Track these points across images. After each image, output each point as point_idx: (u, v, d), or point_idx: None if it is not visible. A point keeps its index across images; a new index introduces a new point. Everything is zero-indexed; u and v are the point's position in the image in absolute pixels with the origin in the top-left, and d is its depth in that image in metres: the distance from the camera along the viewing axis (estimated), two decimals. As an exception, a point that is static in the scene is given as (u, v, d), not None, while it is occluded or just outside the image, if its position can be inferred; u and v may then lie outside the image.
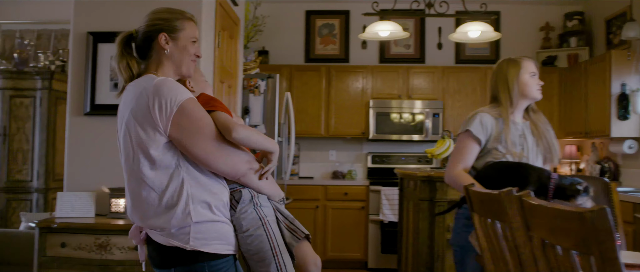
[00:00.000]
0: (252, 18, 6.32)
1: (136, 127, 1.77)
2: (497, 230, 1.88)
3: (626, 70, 5.27)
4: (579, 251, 1.25)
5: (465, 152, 2.53)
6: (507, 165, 2.45)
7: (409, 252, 4.32)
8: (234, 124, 1.83)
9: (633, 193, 4.61)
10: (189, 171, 1.81)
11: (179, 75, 1.92)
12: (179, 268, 1.79)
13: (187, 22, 1.92)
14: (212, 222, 1.82)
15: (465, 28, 4.57)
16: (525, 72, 2.57)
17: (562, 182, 2.32)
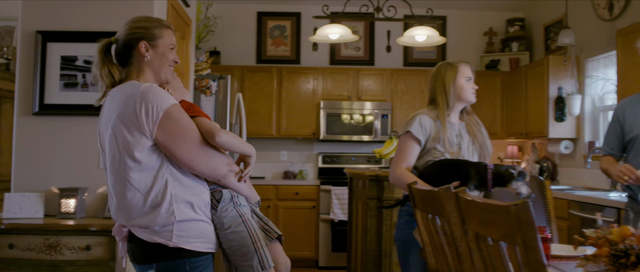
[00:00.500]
0: (203, 18, 6.33)
1: (123, 131, 1.84)
2: (437, 225, 2.00)
3: (563, 75, 5.56)
4: (506, 242, 1.38)
5: (407, 152, 2.65)
6: (449, 162, 2.59)
7: (358, 249, 4.44)
8: (217, 129, 1.94)
9: (568, 190, 4.87)
10: (172, 172, 1.89)
11: (158, 81, 1.99)
12: (161, 264, 1.87)
13: (165, 30, 1.99)
14: (194, 221, 1.91)
15: (412, 32, 4.73)
16: (461, 77, 2.71)
17: (498, 170, 2.48)
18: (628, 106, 2.96)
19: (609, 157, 2.97)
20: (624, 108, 2.98)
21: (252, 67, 6.54)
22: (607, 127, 3.09)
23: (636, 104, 2.93)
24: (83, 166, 3.35)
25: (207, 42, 6.48)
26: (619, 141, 2.94)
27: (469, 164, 2.54)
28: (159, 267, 1.89)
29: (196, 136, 1.91)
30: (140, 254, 1.93)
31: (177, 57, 2.03)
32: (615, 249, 1.75)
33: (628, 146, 2.89)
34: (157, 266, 1.89)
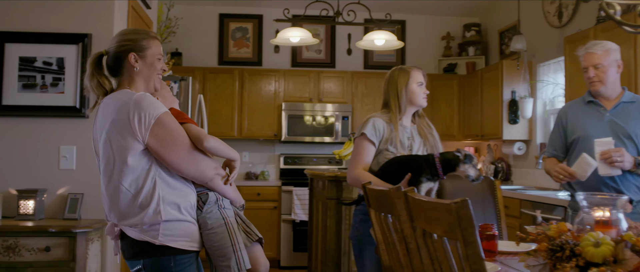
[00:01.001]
0: (165, 19, 6.33)
1: (117, 136, 1.97)
2: (389, 223, 2.10)
3: (516, 79, 5.76)
4: (448, 237, 1.48)
5: (363, 153, 2.75)
6: (400, 159, 2.67)
7: (319, 249, 4.53)
8: (205, 135, 2.08)
9: (521, 190, 5.07)
10: (160, 175, 2.02)
11: (148, 89, 2.12)
12: (147, 260, 2.00)
13: (152, 41, 2.12)
14: (180, 222, 2.04)
15: (371, 36, 4.85)
16: (413, 82, 2.81)
17: (445, 156, 2.59)
18: (570, 110, 3.12)
19: (553, 158, 3.12)
20: (566, 112, 3.13)
21: (214, 68, 6.57)
22: (552, 129, 3.24)
23: (577, 108, 3.09)
24: (42, 168, 3.35)
25: (169, 43, 6.48)
26: (562, 143, 3.10)
27: (419, 157, 2.65)
28: (145, 264, 2.02)
29: (185, 142, 2.04)
30: (130, 251, 2.05)
31: (164, 65, 2.16)
32: (552, 244, 1.88)
33: (570, 148, 3.05)
34: (144, 262, 2.01)
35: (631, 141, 2.86)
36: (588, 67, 2.96)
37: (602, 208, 1.95)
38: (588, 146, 2.89)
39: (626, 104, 2.95)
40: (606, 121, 2.93)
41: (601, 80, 2.93)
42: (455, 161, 2.57)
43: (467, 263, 1.39)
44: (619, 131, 2.88)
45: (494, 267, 2.15)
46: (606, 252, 1.75)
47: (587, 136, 2.93)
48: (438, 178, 2.59)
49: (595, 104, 3.00)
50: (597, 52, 2.92)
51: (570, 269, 1.77)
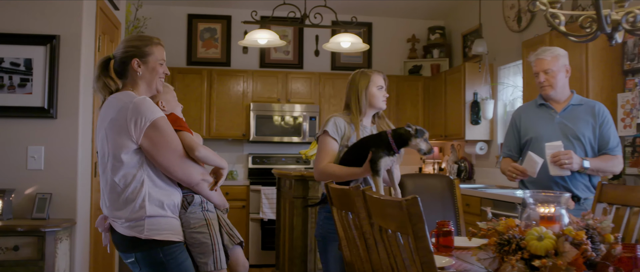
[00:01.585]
0: (133, 19, 6.33)
1: (113, 134, 2.14)
2: (349, 220, 2.21)
3: (478, 81, 5.95)
4: (400, 232, 1.60)
5: (327, 149, 2.85)
6: (358, 143, 2.78)
7: (286, 247, 4.62)
8: (197, 145, 2.25)
9: (482, 189, 5.24)
10: (149, 174, 2.18)
11: (150, 91, 2.29)
12: (138, 254, 2.18)
13: (155, 47, 2.28)
14: (163, 217, 2.20)
15: (338, 39, 4.96)
16: (373, 85, 2.93)
17: (397, 131, 2.70)
18: (523, 112, 3.29)
19: (508, 159, 3.28)
20: (520, 114, 3.30)
21: (183, 68, 6.60)
22: (506, 131, 3.39)
23: (530, 110, 3.26)
24: (10, 168, 3.37)
25: (137, 43, 6.48)
26: (516, 144, 3.26)
27: (373, 136, 2.76)
28: (137, 257, 2.19)
29: (177, 147, 2.20)
30: (121, 245, 2.24)
31: (166, 69, 2.32)
32: (500, 239, 2.01)
33: (524, 148, 3.21)
34: (136, 256, 2.19)
35: (579, 142, 3.03)
36: (539, 72, 3.13)
37: (547, 205, 2.09)
38: (539, 146, 3.05)
39: (575, 106, 3.12)
40: (556, 123, 3.09)
41: (551, 84, 3.10)
42: (407, 135, 2.68)
43: (418, 256, 1.50)
44: (568, 132, 3.05)
45: (449, 261, 2.28)
46: (548, 245, 1.89)
47: (539, 137, 3.10)
48: (394, 153, 2.69)
49: (546, 107, 3.17)
50: (547, 58, 3.09)
51: (515, 262, 1.91)
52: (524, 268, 1.90)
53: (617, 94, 3.98)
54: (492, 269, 2.06)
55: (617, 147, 3.06)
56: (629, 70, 3.98)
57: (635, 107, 3.83)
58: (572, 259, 1.84)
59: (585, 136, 3.03)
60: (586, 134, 3.04)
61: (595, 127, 3.06)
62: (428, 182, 3.62)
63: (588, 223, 2.01)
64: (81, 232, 3.47)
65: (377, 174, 2.62)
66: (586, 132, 3.04)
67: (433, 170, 6.97)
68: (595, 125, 3.06)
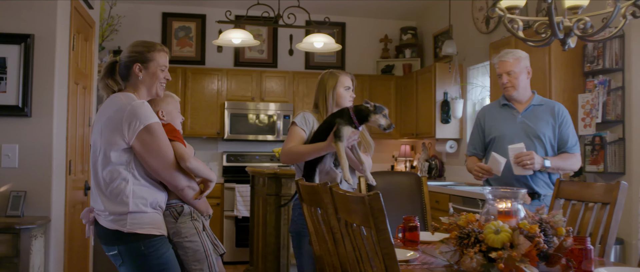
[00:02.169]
0: (107, 17, 6.34)
1: (107, 131, 2.24)
2: (318, 215, 2.31)
3: (448, 81, 6.10)
4: (364, 226, 1.70)
5: (295, 135, 2.97)
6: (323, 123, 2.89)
7: (260, 243, 4.70)
8: (189, 156, 2.34)
9: (451, 186, 5.39)
10: (135, 173, 2.28)
11: (151, 95, 2.41)
12: (121, 246, 2.27)
13: (157, 53, 2.40)
14: (145, 213, 2.29)
15: (311, 39, 5.05)
16: (340, 86, 3.03)
17: (358, 108, 2.81)
18: (487, 112, 3.42)
19: (474, 157, 3.41)
20: (484, 114, 3.43)
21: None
22: (472, 130, 3.51)
23: (494, 110, 3.39)
24: (-16, 166, 3.38)
25: (111, 41, 6.50)
26: (481, 143, 3.39)
27: (335, 113, 2.87)
28: (120, 250, 2.28)
29: (168, 153, 2.29)
30: (104, 238, 2.33)
31: (168, 75, 2.43)
32: (461, 233, 2.13)
33: (488, 147, 3.34)
34: (119, 249, 2.28)
35: (540, 141, 3.17)
36: (502, 74, 3.26)
37: (505, 200, 2.21)
38: (503, 145, 3.18)
39: (536, 106, 3.26)
40: (518, 123, 3.23)
41: (513, 85, 3.23)
42: (366, 111, 2.80)
43: (379, 248, 1.60)
44: (530, 132, 3.19)
45: (414, 255, 2.39)
46: (504, 238, 2.01)
47: (502, 136, 3.23)
48: (355, 126, 2.79)
49: (509, 107, 3.30)
50: (509, 60, 3.22)
51: (474, 254, 2.02)
52: (482, 260, 2.02)
53: (578, 95, 4.15)
54: (454, 262, 2.18)
55: (576, 145, 3.21)
56: (589, 72, 4.15)
57: (595, 108, 4.00)
58: (526, 251, 1.96)
59: (545, 135, 3.17)
60: (547, 134, 3.17)
61: (555, 126, 3.19)
62: (397, 179, 3.73)
63: (541, 217, 2.14)
64: (56, 229, 3.51)
65: (340, 139, 2.71)
66: (547, 131, 3.18)
67: (405, 168, 7.12)
68: (554, 125, 3.19)
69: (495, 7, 2.20)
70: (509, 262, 1.95)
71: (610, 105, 3.95)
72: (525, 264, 1.94)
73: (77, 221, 4.03)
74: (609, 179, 3.99)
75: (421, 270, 2.16)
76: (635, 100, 3.86)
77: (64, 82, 3.70)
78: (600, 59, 4.03)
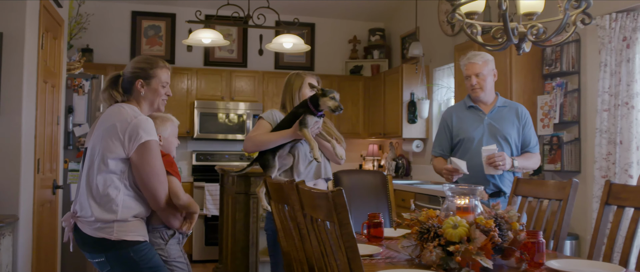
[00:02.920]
0: (75, 15, 6.30)
1: (108, 138, 2.32)
2: (286, 212, 2.39)
3: (415, 81, 6.24)
4: (328, 221, 1.78)
5: (261, 127, 3.06)
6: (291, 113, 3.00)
7: (229, 241, 4.76)
8: (182, 193, 2.46)
9: (417, 185, 5.53)
10: (126, 184, 2.36)
11: (152, 110, 2.52)
12: (109, 254, 2.33)
13: (159, 70, 2.50)
14: (131, 221, 2.36)
15: (280, 39, 5.12)
16: (305, 86, 3.12)
17: (311, 96, 2.94)
18: (454, 113, 3.45)
19: (441, 158, 3.47)
20: (451, 114, 3.48)
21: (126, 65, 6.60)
22: (438, 131, 3.58)
23: (460, 112, 3.45)
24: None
25: (79, 39, 6.46)
26: (448, 144, 3.45)
27: (297, 106, 3.00)
28: (108, 257, 2.34)
29: (160, 172, 2.37)
30: (88, 246, 2.37)
31: (169, 91, 2.54)
32: (422, 228, 2.23)
33: (455, 148, 3.42)
34: (107, 256, 2.34)
35: (506, 142, 3.27)
36: (470, 76, 3.32)
37: (463, 197, 2.32)
38: (471, 146, 3.27)
39: (500, 108, 3.36)
40: (485, 124, 3.31)
41: (482, 87, 3.31)
42: (315, 96, 2.92)
43: (342, 241, 1.69)
44: (497, 133, 3.28)
45: (378, 250, 2.49)
46: (462, 233, 2.12)
47: (471, 138, 3.30)
48: (314, 114, 2.92)
49: (475, 109, 3.37)
50: (478, 62, 3.29)
51: (433, 248, 2.13)
52: (441, 253, 2.13)
53: (537, 96, 4.31)
54: (415, 256, 2.28)
55: (537, 145, 3.34)
56: (548, 75, 4.32)
57: (553, 109, 4.17)
58: (482, 244, 2.08)
59: (511, 136, 3.27)
60: (512, 135, 3.28)
61: (519, 128, 3.31)
62: (363, 178, 3.84)
63: (497, 213, 2.25)
64: (24, 227, 3.51)
65: (305, 126, 2.86)
66: (512, 132, 3.28)
67: (373, 167, 7.24)
68: (519, 126, 3.31)
69: (455, 12, 2.31)
70: (466, 255, 2.06)
71: (567, 106, 4.12)
72: (480, 256, 2.05)
73: (46, 220, 4.03)
74: (566, 177, 4.17)
75: (384, 264, 2.25)
76: (590, 102, 4.04)
77: (33, 81, 3.70)
78: (557, 62, 4.20)
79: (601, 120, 3.84)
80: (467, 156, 3.29)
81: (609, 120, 3.82)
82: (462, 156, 3.29)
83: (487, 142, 3.25)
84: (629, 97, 3.72)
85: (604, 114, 3.83)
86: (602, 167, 3.82)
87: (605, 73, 3.83)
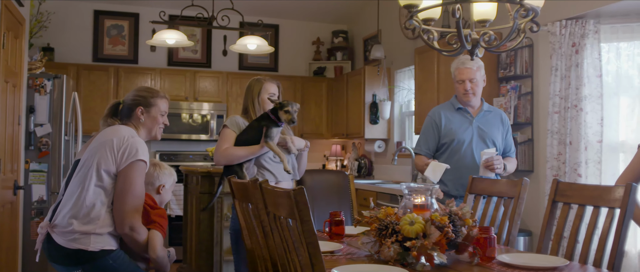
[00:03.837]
0: (36, 14, 6.22)
1: (104, 151, 2.41)
2: (250, 211, 2.46)
3: (376, 83, 6.37)
4: (290, 218, 1.86)
5: (227, 138, 3.15)
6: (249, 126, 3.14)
7: (193, 241, 4.79)
8: (160, 248, 2.50)
9: (379, 184, 5.65)
10: (110, 199, 2.42)
11: (150, 136, 2.67)
12: (87, 265, 2.37)
13: (159, 100, 2.66)
14: (105, 235, 2.41)
15: (244, 41, 5.17)
16: (264, 93, 3.22)
17: (272, 109, 3.08)
18: (443, 114, 3.42)
19: (423, 157, 3.43)
20: (440, 115, 3.42)
21: (89, 65, 6.56)
22: (424, 129, 3.48)
23: (449, 113, 3.43)
24: None
25: (40, 38, 6.38)
26: (435, 143, 3.43)
27: (259, 117, 3.14)
28: (85, 269, 2.37)
29: (139, 194, 2.43)
30: (61, 258, 2.40)
31: (167, 120, 2.70)
32: (380, 225, 2.33)
33: (441, 148, 3.41)
34: (84, 268, 2.37)
35: (494, 146, 3.34)
36: (464, 80, 3.33)
37: (420, 195, 2.44)
38: (460, 148, 3.31)
39: (487, 112, 3.41)
40: (474, 127, 3.36)
41: (474, 92, 3.34)
42: (274, 108, 3.09)
43: (304, 237, 1.77)
44: (485, 136, 3.34)
45: (339, 246, 2.58)
46: (418, 229, 2.23)
47: (461, 140, 3.33)
48: (276, 125, 3.07)
49: (465, 111, 3.40)
50: (473, 67, 3.31)
51: (391, 244, 2.23)
52: (398, 249, 2.23)
53: (493, 99, 4.48)
54: (374, 251, 2.38)
55: (514, 151, 3.47)
56: (503, 78, 4.49)
57: (508, 111, 4.34)
58: (437, 240, 2.19)
59: (497, 141, 3.36)
60: (498, 139, 3.37)
61: (503, 133, 3.40)
62: (326, 177, 3.93)
63: (451, 210, 2.37)
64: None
65: (271, 139, 3.04)
66: (498, 137, 3.37)
67: (336, 167, 7.35)
68: (503, 132, 3.40)
69: (413, 19, 2.42)
70: (422, 250, 2.17)
71: (521, 108, 4.30)
72: (435, 251, 2.16)
73: (6, 222, 4.00)
74: (520, 177, 4.34)
75: (345, 260, 2.34)
76: (542, 104, 4.22)
77: (-6, 81, 3.67)
78: (512, 66, 4.38)
79: (552, 122, 4.02)
80: (456, 157, 3.34)
81: (560, 122, 4.01)
82: (451, 157, 3.33)
83: (477, 144, 3.30)
84: (578, 100, 3.91)
85: (555, 116, 4.01)
86: (554, 167, 4.00)
87: (556, 77, 4.01)
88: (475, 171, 3.28)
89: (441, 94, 4.88)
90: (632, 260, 3.83)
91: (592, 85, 3.90)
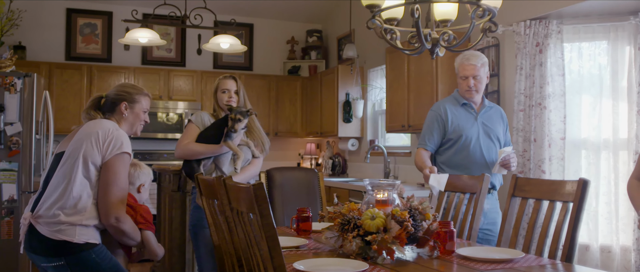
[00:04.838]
0: (7, 11, 6.17)
1: (89, 144, 2.44)
2: (215, 207, 2.50)
3: (350, 82, 6.44)
4: (251, 213, 1.91)
5: (190, 132, 3.31)
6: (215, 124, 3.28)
7: (166, 239, 4.80)
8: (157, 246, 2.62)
9: (352, 182, 5.71)
10: (95, 191, 2.44)
11: (131, 132, 2.70)
12: (70, 257, 2.37)
13: (143, 97, 2.72)
14: (91, 227, 2.43)
15: (217, 40, 5.19)
16: (219, 90, 3.41)
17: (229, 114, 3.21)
18: (448, 109, 3.34)
19: (427, 152, 3.35)
20: (445, 109, 3.34)
21: (61, 64, 6.52)
22: (428, 124, 3.38)
23: (454, 108, 3.34)
24: None
25: (11, 36, 6.32)
26: (440, 139, 3.35)
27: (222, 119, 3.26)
28: (69, 261, 2.38)
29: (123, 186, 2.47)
30: (43, 249, 2.39)
31: (147, 118, 2.74)
32: (343, 220, 2.39)
33: (446, 144, 3.35)
34: (67, 260, 2.38)
35: (498, 142, 3.36)
36: (468, 77, 3.26)
37: (382, 191, 2.50)
38: (468, 144, 3.27)
39: (489, 108, 3.41)
40: (479, 123, 3.34)
41: (478, 89, 3.30)
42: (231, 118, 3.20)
43: (264, 231, 1.82)
44: (490, 133, 3.34)
45: (305, 242, 2.63)
46: (379, 223, 2.29)
47: (468, 136, 3.29)
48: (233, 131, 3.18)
49: (469, 106, 3.35)
50: (477, 64, 3.26)
51: (352, 238, 2.29)
52: (360, 243, 2.29)
53: (461, 97, 4.56)
54: (337, 246, 2.43)
55: (512, 146, 3.52)
56: (470, 77, 4.57)
57: (475, 109, 4.42)
58: (397, 234, 2.25)
59: (500, 137, 3.38)
60: (500, 135, 3.38)
61: (504, 129, 3.42)
62: (295, 174, 3.98)
63: (412, 205, 2.44)
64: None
65: (230, 139, 3.18)
66: (500, 133, 3.38)
67: (310, 165, 7.40)
68: (504, 128, 3.42)
69: (375, 18, 2.48)
70: (382, 244, 2.23)
71: (488, 106, 4.39)
72: (395, 245, 2.23)
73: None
74: (487, 173, 4.44)
75: (309, 255, 2.40)
76: (508, 103, 4.32)
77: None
78: (479, 65, 4.47)
79: (518, 120, 4.12)
80: (464, 153, 3.30)
81: (525, 120, 4.11)
82: (459, 153, 3.30)
83: (484, 141, 3.30)
84: (542, 98, 4.02)
85: (520, 114, 4.11)
86: (519, 164, 4.10)
87: (521, 76, 4.11)
88: (484, 167, 3.27)
89: (411, 92, 4.96)
90: (593, 253, 3.95)
91: (556, 84, 4.01)
